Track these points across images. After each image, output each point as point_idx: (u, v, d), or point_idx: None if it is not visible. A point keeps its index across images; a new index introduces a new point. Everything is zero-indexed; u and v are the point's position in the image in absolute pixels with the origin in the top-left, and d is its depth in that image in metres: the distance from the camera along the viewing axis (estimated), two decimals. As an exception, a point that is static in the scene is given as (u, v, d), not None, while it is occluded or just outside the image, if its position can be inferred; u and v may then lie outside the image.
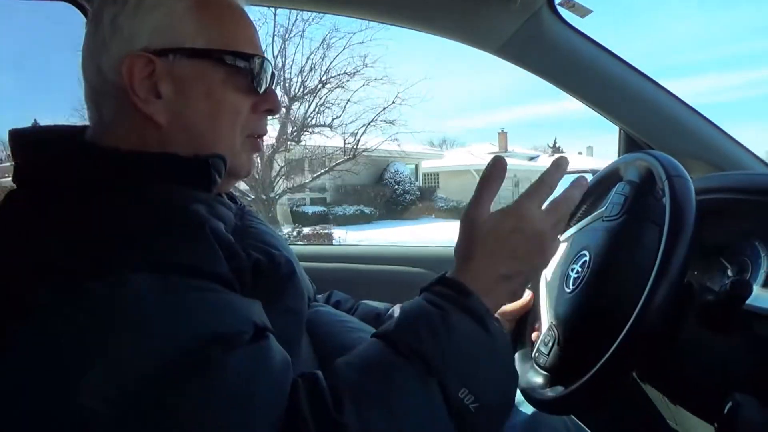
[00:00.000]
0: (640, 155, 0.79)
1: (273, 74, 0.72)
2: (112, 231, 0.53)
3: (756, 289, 0.79)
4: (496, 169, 0.64)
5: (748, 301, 0.71)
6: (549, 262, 0.65)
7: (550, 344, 0.77)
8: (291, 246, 0.89)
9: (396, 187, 18.25)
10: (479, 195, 0.63)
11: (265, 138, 0.75)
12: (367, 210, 17.00)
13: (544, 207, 0.64)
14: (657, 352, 0.69)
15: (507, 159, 0.67)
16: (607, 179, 0.89)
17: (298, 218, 15.80)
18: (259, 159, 10.64)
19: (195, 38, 0.64)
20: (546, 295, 0.87)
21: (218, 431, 0.47)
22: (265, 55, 0.70)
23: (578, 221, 0.91)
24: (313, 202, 17.64)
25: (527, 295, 0.93)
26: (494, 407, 0.56)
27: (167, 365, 0.47)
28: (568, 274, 0.80)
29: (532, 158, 25.98)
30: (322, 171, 14.02)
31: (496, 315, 0.60)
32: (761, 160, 1.26)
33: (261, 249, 0.63)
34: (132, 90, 0.62)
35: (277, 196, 12.78)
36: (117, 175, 0.60)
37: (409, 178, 18.97)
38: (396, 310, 1.03)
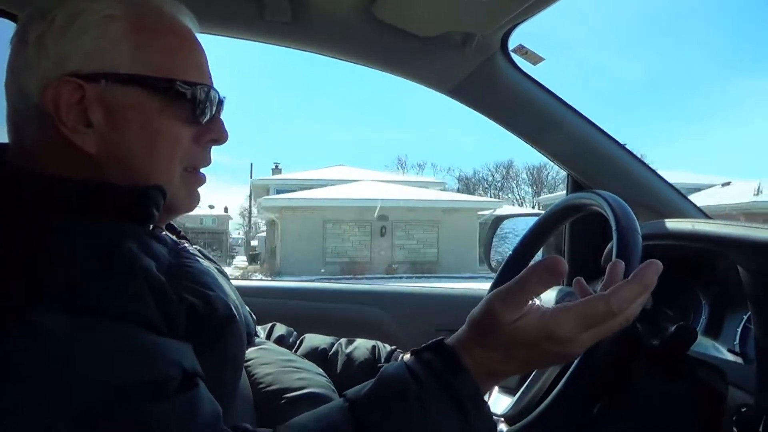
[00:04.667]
0: (593, 198, 0.80)
1: (220, 101, 0.67)
2: (28, 266, 0.49)
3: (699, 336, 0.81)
4: (548, 272, 0.51)
5: (691, 348, 0.73)
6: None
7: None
8: (233, 282, 0.85)
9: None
10: (516, 294, 0.51)
11: None
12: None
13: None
14: (604, 396, 0.69)
15: None
16: (560, 215, 0.91)
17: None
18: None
19: (130, 64, 0.59)
20: None
21: None
22: (212, 82, 0.66)
23: None
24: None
25: None
26: None
27: (85, 416, 0.43)
28: None
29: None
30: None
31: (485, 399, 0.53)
32: (697, 207, 1.33)
33: (196, 291, 0.58)
34: (58, 117, 0.57)
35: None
36: (41, 203, 0.55)
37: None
38: (343, 345, 1.00)
